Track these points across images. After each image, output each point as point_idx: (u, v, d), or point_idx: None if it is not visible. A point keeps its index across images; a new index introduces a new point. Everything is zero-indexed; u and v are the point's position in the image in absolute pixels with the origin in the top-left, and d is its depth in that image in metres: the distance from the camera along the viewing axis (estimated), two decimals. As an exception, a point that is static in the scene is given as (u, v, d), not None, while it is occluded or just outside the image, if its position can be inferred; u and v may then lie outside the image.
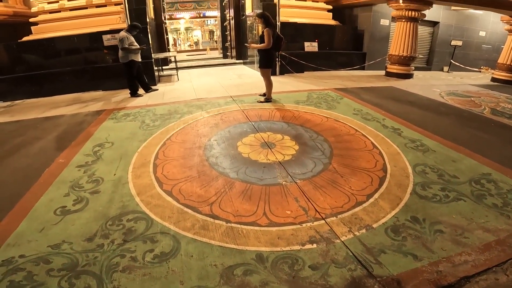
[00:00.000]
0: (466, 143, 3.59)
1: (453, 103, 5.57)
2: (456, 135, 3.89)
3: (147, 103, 5.45)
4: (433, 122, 4.44)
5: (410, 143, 3.56)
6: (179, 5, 19.16)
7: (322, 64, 8.86)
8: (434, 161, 3.12)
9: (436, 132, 3.88)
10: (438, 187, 2.63)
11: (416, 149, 3.40)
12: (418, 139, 3.66)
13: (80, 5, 7.76)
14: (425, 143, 3.54)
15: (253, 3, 8.75)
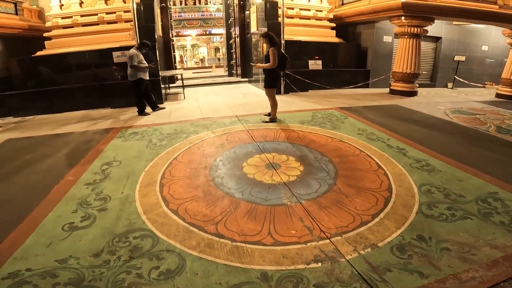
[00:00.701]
0: (472, 162, 3.63)
1: (458, 121, 5.62)
2: (462, 154, 3.93)
3: (154, 122, 5.61)
4: (439, 141, 4.48)
5: (415, 163, 3.60)
6: (186, 23, 19.82)
7: (326, 82, 9.00)
8: (440, 180, 3.15)
9: (442, 152, 3.93)
10: (444, 206, 2.66)
11: (421, 169, 3.44)
12: (423, 159, 3.70)
13: (92, 21, 8.12)
14: (430, 163, 3.58)
15: (258, 21, 9.03)
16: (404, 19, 8.09)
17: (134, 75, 6.07)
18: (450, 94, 9.18)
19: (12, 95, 7.04)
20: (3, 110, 6.87)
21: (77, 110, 7.20)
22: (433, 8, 7.83)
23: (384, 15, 8.55)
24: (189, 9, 19.51)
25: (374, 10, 8.70)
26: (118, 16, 8.06)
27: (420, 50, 8.48)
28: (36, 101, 7.21)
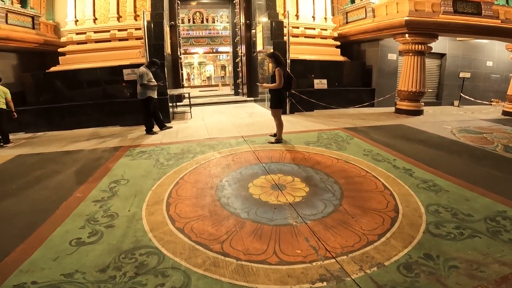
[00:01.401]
0: (480, 181, 3.64)
1: (465, 141, 5.65)
2: (469, 174, 3.95)
3: (162, 141, 5.74)
4: (445, 161, 4.52)
5: (422, 183, 3.62)
6: (193, 40, 20.55)
7: (331, 102, 9.12)
8: (448, 200, 3.17)
9: (449, 172, 3.95)
10: (452, 226, 2.67)
11: (428, 189, 3.45)
12: (430, 180, 3.72)
13: (104, 38, 8.50)
14: (437, 183, 3.60)
15: (264, 40, 9.28)
16: (408, 36, 8.25)
17: (143, 93, 6.27)
18: (457, 112, 9.22)
19: (25, 110, 7.28)
20: (15, 125, 7.09)
21: (87, 127, 7.43)
22: (437, 25, 8.00)
23: (388, 33, 8.73)
24: (197, 27, 20.32)
25: (378, 28, 8.90)
26: (129, 33, 8.44)
27: (425, 68, 8.58)
28: (48, 117, 7.47)
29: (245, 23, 11.32)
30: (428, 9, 8.13)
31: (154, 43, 7.63)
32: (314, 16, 10.10)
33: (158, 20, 7.91)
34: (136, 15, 8.60)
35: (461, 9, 8.16)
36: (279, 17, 8.89)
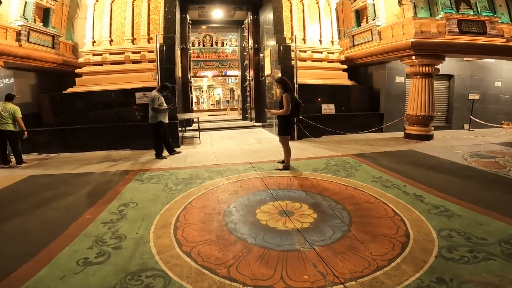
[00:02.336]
0: (493, 206, 3.60)
1: (477, 166, 5.60)
2: (482, 198, 3.90)
3: (171, 166, 5.86)
4: (457, 186, 4.48)
5: (434, 209, 3.59)
6: (203, 64, 21.20)
7: (339, 127, 9.13)
8: (460, 225, 3.13)
9: (461, 197, 3.91)
10: (465, 249, 2.64)
11: (440, 214, 3.42)
12: (442, 205, 3.68)
13: (119, 60, 8.87)
14: (449, 209, 3.57)
15: (272, 64, 9.51)
16: (415, 59, 8.34)
17: (154, 117, 6.46)
18: (467, 136, 9.17)
19: (40, 131, 7.56)
20: (29, 146, 7.33)
21: (99, 149, 7.63)
22: (443, 46, 8.12)
23: (395, 55, 8.87)
24: (207, 50, 21.02)
25: (385, 51, 9.06)
26: (142, 56, 8.81)
27: (433, 90, 8.58)
28: (62, 139, 7.72)
29: (253, 47, 11.67)
30: (434, 30, 8.28)
31: (166, 67, 7.92)
32: (321, 40, 10.40)
33: (170, 43, 8.26)
34: (149, 37, 9.03)
35: (466, 28, 8.31)
36: (286, 41, 9.16)
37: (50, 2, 9.16)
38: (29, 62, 7.93)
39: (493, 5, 9.19)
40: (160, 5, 8.97)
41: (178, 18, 9.62)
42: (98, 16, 9.11)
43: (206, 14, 12.40)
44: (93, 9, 9.11)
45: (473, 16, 8.42)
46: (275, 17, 9.18)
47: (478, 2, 8.86)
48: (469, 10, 8.63)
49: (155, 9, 9.16)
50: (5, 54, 7.15)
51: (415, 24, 8.21)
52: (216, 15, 12.40)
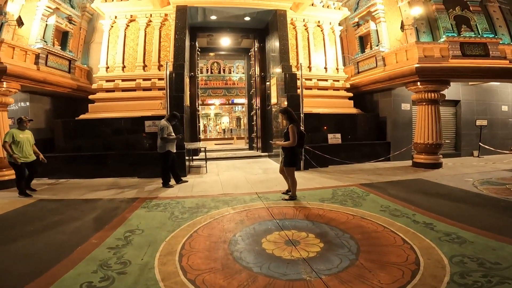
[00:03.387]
0: (506, 232, 3.58)
1: (488, 193, 5.56)
2: (495, 225, 3.88)
3: (177, 195, 5.94)
4: (469, 214, 4.46)
5: (445, 236, 3.56)
6: (211, 91, 21.80)
7: (346, 157, 9.09)
8: (473, 251, 3.10)
9: (473, 224, 3.89)
10: (479, 274, 2.61)
11: (451, 241, 3.39)
12: (453, 232, 3.66)
13: (130, 87, 9.21)
14: (461, 235, 3.54)
15: (278, 93, 9.68)
16: (420, 85, 8.42)
17: (163, 147, 6.61)
18: (477, 163, 9.12)
19: (52, 157, 7.72)
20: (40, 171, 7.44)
21: (107, 176, 7.76)
22: (447, 70, 8.20)
23: (400, 82, 8.99)
24: (214, 78, 21.66)
25: (389, 77, 9.20)
26: (152, 83, 9.17)
27: (440, 117, 8.60)
28: (72, 165, 7.90)
29: (260, 75, 11.93)
30: (437, 54, 8.43)
31: (175, 95, 8.17)
32: (326, 67, 10.66)
33: (179, 71, 8.56)
34: (159, 64, 9.46)
35: (469, 51, 8.45)
36: (292, 70, 9.39)
37: (69, 25, 9.73)
38: (45, 87, 8.24)
39: (494, 26, 9.38)
40: (170, 33, 9.49)
41: (188, 46, 10.03)
42: (112, 42, 9.64)
43: (214, 42, 12.88)
44: (108, 34, 9.67)
45: (474, 39, 8.60)
46: (281, 45, 9.47)
47: (478, 24, 9.07)
48: (471, 33, 8.82)
49: (166, 37, 9.69)
50: (23, 78, 7.46)
51: (418, 49, 8.39)
52: (223, 42, 12.85)
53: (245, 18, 10.49)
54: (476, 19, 9.10)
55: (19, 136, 5.90)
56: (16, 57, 7.50)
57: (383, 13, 10.31)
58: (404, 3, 9.38)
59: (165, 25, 9.78)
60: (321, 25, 10.81)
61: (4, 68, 6.81)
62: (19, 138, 5.87)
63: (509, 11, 9.82)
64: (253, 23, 11.07)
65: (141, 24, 9.68)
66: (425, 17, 9.18)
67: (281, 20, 9.64)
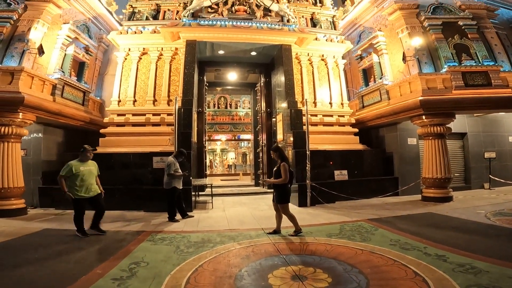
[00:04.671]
0: None
1: (501, 224, 5.51)
2: (510, 254, 3.81)
3: (183, 229, 5.94)
4: (482, 244, 4.39)
5: (458, 267, 3.49)
6: (217, 127, 22.09)
7: (353, 193, 8.95)
8: (489, 280, 3.06)
9: (487, 254, 3.83)
10: None
11: (466, 272, 3.33)
12: (467, 263, 3.59)
13: (140, 121, 9.45)
14: (476, 266, 3.48)
15: (284, 129, 9.78)
16: (425, 118, 8.45)
17: (169, 183, 6.72)
18: (489, 195, 8.97)
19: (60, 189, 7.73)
20: (47, 200, 7.61)
21: (114, 209, 7.70)
22: (451, 102, 8.25)
23: (405, 116, 9.04)
24: (221, 113, 22.06)
25: (394, 111, 9.26)
26: (161, 118, 9.43)
27: (447, 151, 8.57)
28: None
29: (266, 110, 12.10)
30: (440, 85, 8.53)
31: (183, 131, 8.34)
32: (331, 102, 10.83)
33: (187, 106, 8.80)
34: (169, 99, 9.79)
35: (471, 81, 8.53)
36: (297, 105, 9.54)
37: (86, 56, 10.27)
38: (59, 119, 8.49)
39: (493, 53, 9.44)
40: (180, 67, 9.94)
41: (196, 80, 10.37)
42: (125, 75, 10.08)
43: (222, 76, 13.34)
44: (121, 67, 10.14)
45: (475, 67, 8.72)
46: (286, 80, 9.73)
47: (478, 52, 9.21)
48: (471, 61, 8.95)
49: (175, 71, 10.14)
50: (39, 109, 7.71)
51: (421, 81, 8.55)
52: (230, 77, 13.26)
53: (252, 53, 10.92)
54: (475, 47, 9.27)
55: (80, 169, 5.30)
56: (34, 87, 7.80)
57: (384, 45, 10.67)
58: (405, 34, 9.70)
59: (175, 59, 10.27)
60: (325, 59, 11.17)
61: (21, 99, 7.04)
62: (79, 171, 5.27)
63: (506, 36, 10.01)
64: (259, 58, 11.50)
65: (153, 58, 10.19)
66: (425, 47, 9.41)
67: (286, 55, 10.02)
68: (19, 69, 7.33)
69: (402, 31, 9.83)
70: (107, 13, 11.36)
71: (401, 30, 9.85)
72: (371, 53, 11.16)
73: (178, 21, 9.76)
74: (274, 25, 9.95)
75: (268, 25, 9.92)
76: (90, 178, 5.41)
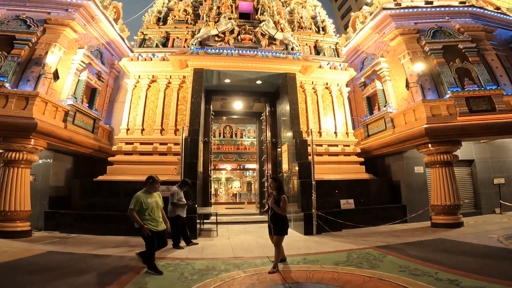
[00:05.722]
0: None
1: None
2: None
3: (187, 256, 5.91)
4: (496, 268, 4.33)
5: None
6: (223, 156, 22.23)
7: (360, 221, 8.78)
8: None
9: (501, 278, 3.79)
10: None
11: None
12: (481, 287, 3.55)
13: (147, 150, 9.58)
14: None
15: (289, 160, 9.75)
16: (431, 146, 8.42)
17: (173, 211, 6.80)
18: (500, 220, 8.85)
19: (66, 214, 7.95)
20: (52, 224, 7.65)
21: (118, 235, 7.75)
22: (457, 130, 8.23)
23: (411, 144, 9.01)
24: (226, 142, 22.32)
25: (399, 140, 9.26)
26: (168, 148, 9.55)
27: (455, 179, 8.48)
28: (85, 222, 7.99)
29: (271, 140, 12.09)
30: (445, 112, 8.54)
31: (189, 161, 8.42)
32: (336, 132, 10.89)
33: (194, 137, 8.94)
34: (176, 129, 9.98)
35: (475, 107, 8.52)
36: (303, 135, 9.60)
37: (98, 82, 10.63)
38: (69, 146, 8.66)
39: (495, 76, 9.42)
40: (187, 95, 10.21)
41: (203, 109, 10.59)
42: (134, 102, 10.37)
43: (227, 105, 13.56)
44: (131, 94, 10.44)
45: (478, 92, 8.72)
46: (291, 110, 9.86)
47: (480, 75, 9.22)
48: (474, 86, 8.94)
49: (183, 99, 10.41)
50: (51, 136, 7.89)
51: (425, 108, 8.58)
52: (236, 106, 13.44)
53: (257, 81, 11.20)
54: (476, 70, 9.29)
55: (147, 201, 4.89)
56: (48, 113, 8.02)
57: (387, 71, 10.88)
58: (407, 60, 9.88)
59: (182, 87, 10.59)
60: (329, 87, 11.37)
61: (34, 125, 7.24)
62: (146, 204, 4.86)
63: (506, 57, 10.06)
64: (264, 87, 11.76)
65: (161, 85, 10.52)
66: (428, 73, 9.49)
67: (291, 83, 10.26)
68: (34, 94, 7.56)
69: (404, 57, 10.02)
70: (120, 39, 11.86)
71: (403, 56, 10.05)
72: (374, 80, 11.35)
73: (186, 49, 10.17)
74: (279, 54, 10.29)
75: (273, 53, 10.26)
76: (157, 210, 5.07)
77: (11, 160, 7.38)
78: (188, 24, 11.53)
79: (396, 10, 10.47)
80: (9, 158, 7.34)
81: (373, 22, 11.11)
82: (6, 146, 7.41)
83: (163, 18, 11.83)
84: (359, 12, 12.85)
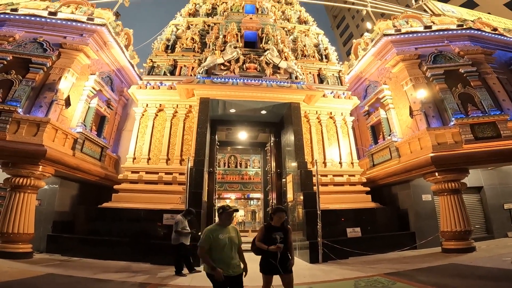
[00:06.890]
0: None
1: None
2: None
3: (190, 284, 5.84)
4: None
5: None
6: (227, 186, 22.13)
7: (367, 248, 8.52)
8: None
9: None
10: None
11: None
12: None
13: (153, 179, 9.62)
14: None
15: (294, 189, 9.67)
16: (438, 175, 8.33)
17: (176, 239, 6.83)
18: None
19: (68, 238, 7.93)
20: (54, 246, 7.63)
21: (120, 260, 7.69)
22: (463, 158, 8.16)
23: (417, 173, 8.92)
24: (231, 172, 22.26)
25: (405, 169, 9.17)
26: (174, 177, 9.62)
27: (465, 205, 8.36)
28: (87, 246, 7.96)
29: (276, 171, 12.02)
30: (450, 140, 8.51)
31: (194, 191, 8.48)
32: (341, 162, 10.83)
33: (199, 167, 9.02)
34: (181, 159, 10.08)
35: (480, 134, 8.47)
36: (307, 166, 9.57)
37: (107, 110, 10.90)
38: (76, 173, 8.77)
39: (497, 100, 9.39)
40: (193, 125, 10.37)
41: (208, 139, 10.71)
42: (141, 131, 10.56)
43: (232, 136, 13.76)
44: (139, 123, 10.63)
45: (483, 118, 8.69)
46: (295, 140, 9.92)
47: (483, 100, 9.21)
48: (478, 112, 8.90)
49: (189, 129, 10.60)
50: (59, 163, 8.01)
51: (430, 136, 8.58)
52: (241, 136, 13.60)
53: (262, 111, 11.34)
54: (479, 95, 9.31)
55: (219, 237, 3.72)
56: (57, 140, 8.17)
57: (391, 99, 11.02)
58: (409, 87, 10.02)
59: (189, 117, 10.82)
60: (333, 116, 11.50)
61: (43, 152, 7.37)
62: (219, 241, 3.71)
63: (507, 80, 10.09)
64: (269, 117, 11.89)
65: (168, 114, 10.74)
66: (431, 100, 9.54)
67: (295, 113, 10.38)
68: (46, 121, 7.76)
69: (406, 83, 10.18)
70: (130, 65, 12.30)
71: (406, 83, 10.21)
72: (378, 108, 11.46)
73: (193, 78, 10.49)
74: (283, 83, 10.52)
75: (277, 82, 10.50)
76: (231, 249, 3.84)
77: (18, 186, 7.49)
78: (195, 52, 12.00)
79: (397, 35, 10.84)
80: (16, 183, 7.45)
81: (374, 48, 11.45)
82: (14, 171, 7.54)
83: (171, 46, 12.36)
84: (360, 39, 13.27)
